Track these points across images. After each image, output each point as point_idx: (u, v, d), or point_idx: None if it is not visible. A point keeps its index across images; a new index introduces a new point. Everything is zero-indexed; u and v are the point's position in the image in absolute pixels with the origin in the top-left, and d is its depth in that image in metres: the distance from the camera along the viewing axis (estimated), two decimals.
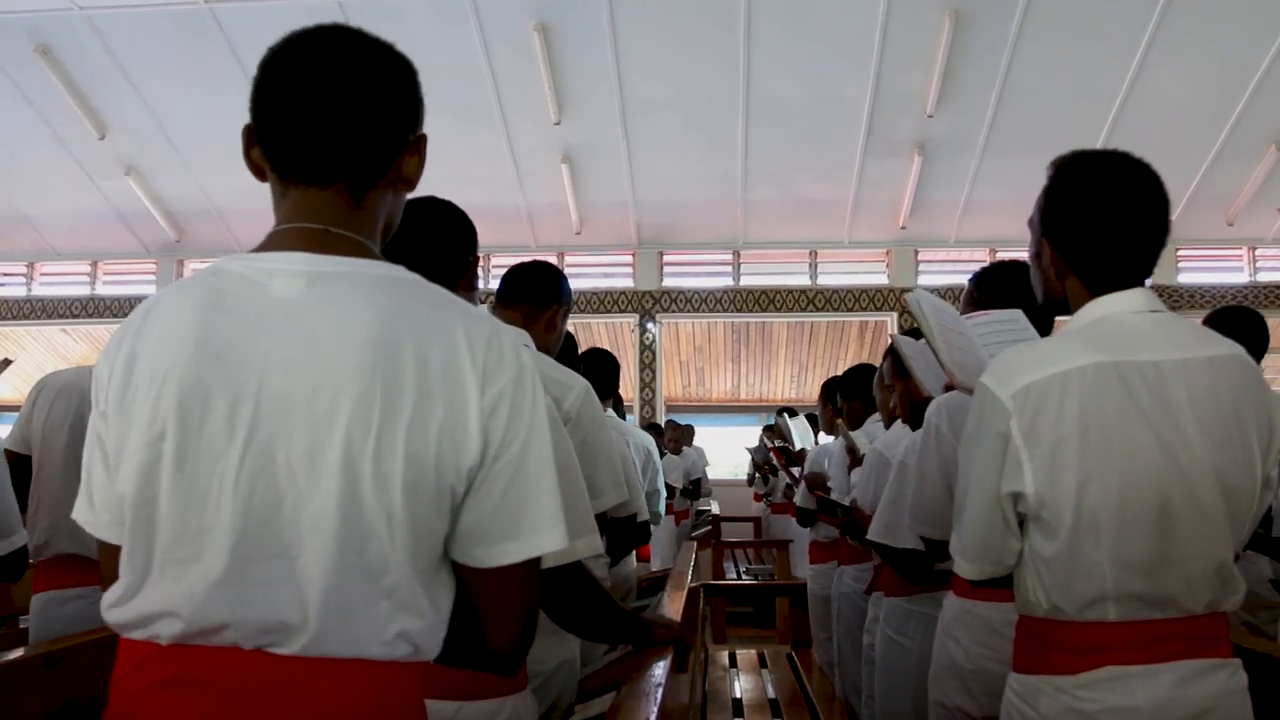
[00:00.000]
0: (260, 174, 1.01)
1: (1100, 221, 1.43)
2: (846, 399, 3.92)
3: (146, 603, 0.92)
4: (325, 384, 0.90)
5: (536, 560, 0.98)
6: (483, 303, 1.86)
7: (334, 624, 0.90)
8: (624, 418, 4.47)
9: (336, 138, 0.97)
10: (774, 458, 6.48)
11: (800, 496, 4.44)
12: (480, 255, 1.69)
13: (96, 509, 0.99)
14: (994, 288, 2.07)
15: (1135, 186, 1.43)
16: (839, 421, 3.80)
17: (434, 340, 0.92)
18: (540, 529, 0.97)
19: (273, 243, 0.98)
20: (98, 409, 0.98)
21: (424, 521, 0.92)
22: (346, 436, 0.89)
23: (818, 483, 4.09)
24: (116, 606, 0.95)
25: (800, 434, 5.78)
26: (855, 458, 3.43)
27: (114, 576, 0.96)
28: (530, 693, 1.55)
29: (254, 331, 0.92)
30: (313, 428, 0.90)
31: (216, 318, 0.93)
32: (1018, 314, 1.92)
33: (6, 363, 4.64)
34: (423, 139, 1.05)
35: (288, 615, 0.90)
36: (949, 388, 2.15)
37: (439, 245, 1.59)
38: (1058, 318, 1.73)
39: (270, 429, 0.90)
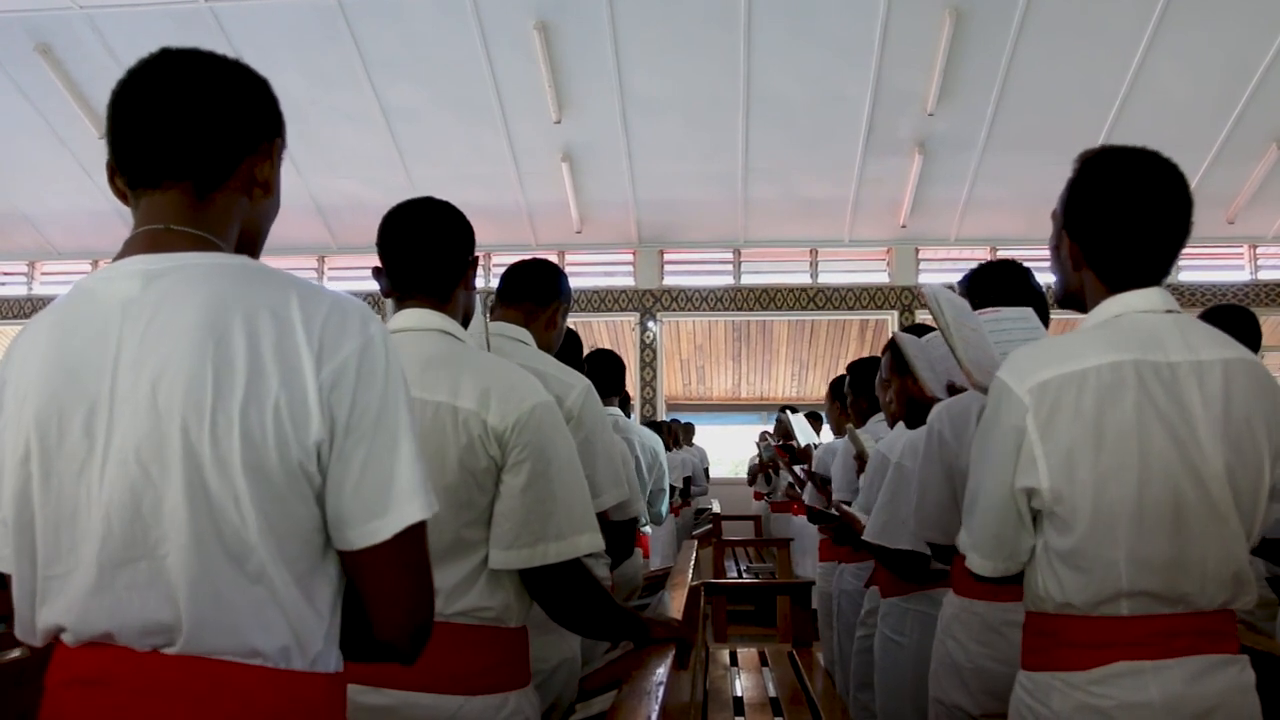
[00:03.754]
0: (125, 199, 1.04)
1: (1123, 218, 1.43)
2: (855, 393, 3.90)
3: (43, 621, 0.95)
4: (163, 377, 0.91)
5: (413, 539, 0.96)
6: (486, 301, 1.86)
7: (208, 615, 0.90)
8: (629, 417, 4.47)
9: (173, 136, 0.99)
10: (778, 455, 6.48)
11: (809, 494, 4.43)
12: (481, 254, 1.69)
13: None
14: (983, 289, 2.07)
15: (1161, 186, 1.43)
16: (848, 425, 3.77)
17: (263, 317, 0.92)
18: (406, 500, 0.95)
19: (122, 251, 1.00)
20: None
21: (277, 504, 0.91)
22: (183, 423, 0.90)
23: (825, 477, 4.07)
24: (26, 630, 0.98)
25: (802, 431, 5.77)
26: (862, 463, 3.40)
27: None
28: (534, 688, 1.55)
29: (99, 339, 0.94)
30: (156, 422, 0.90)
31: (66, 333, 0.95)
32: (1028, 312, 1.91)
33: None
34: (275, 147, 1.06)
35: (162, 615, 0.91)
36: (951, 389, 2.14)
37: (438, 246, 1.59)
38: (1064, 315, 1.72)
39: (123, 431, 0.91)
